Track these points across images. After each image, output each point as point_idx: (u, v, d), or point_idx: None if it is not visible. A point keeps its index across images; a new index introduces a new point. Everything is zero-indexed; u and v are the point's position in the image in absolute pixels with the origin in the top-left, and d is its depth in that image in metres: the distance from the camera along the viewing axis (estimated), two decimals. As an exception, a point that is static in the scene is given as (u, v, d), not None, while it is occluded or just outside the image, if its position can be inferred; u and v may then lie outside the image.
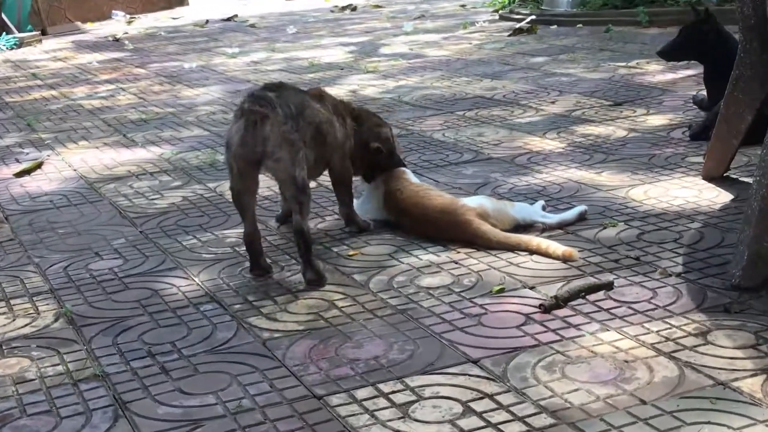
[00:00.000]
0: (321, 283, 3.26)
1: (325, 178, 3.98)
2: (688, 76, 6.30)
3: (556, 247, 3.31)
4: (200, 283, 3.35)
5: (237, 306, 3.13)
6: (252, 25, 12.14)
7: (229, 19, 13.08)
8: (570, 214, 3.67)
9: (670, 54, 5.15)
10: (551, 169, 4.41)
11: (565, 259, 3.28)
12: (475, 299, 3.04)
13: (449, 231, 3.53)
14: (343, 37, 10.23)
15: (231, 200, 3.85)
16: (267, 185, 4.44)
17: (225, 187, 4.48)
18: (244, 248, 3.60)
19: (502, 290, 3.09)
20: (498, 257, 3.36)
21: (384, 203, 3.78)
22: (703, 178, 4.08)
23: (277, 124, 3.26)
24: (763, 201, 2.93)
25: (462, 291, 3.11)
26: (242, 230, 3.85)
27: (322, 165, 3.63)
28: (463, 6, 12.49)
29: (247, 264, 3.47)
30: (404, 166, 3.90)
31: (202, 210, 4.23)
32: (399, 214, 3.70)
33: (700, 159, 4.30)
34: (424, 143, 5.10)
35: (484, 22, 10.46)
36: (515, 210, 3.62)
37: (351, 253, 3.54)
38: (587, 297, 2.98)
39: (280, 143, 3.26)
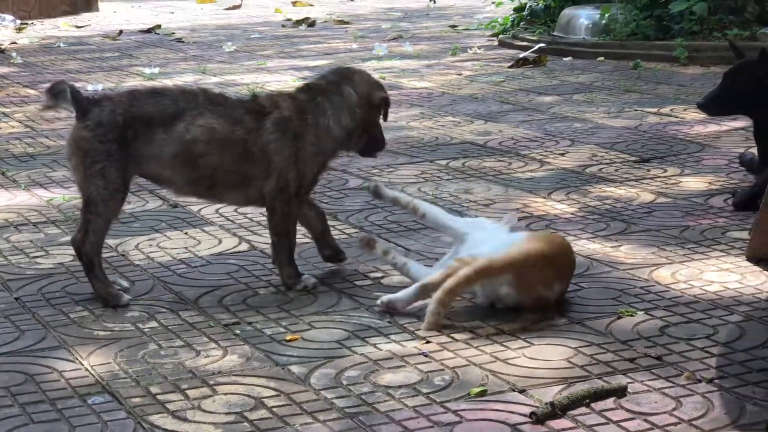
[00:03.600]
0: (112, 303, 3.84)
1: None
2: (734, 129, 6.42)
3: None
4: (90, 368, 3.34)
5: (136, 399, 3.12)
6: (179, 40, 12.24)
7: (149, 31, 13.18)
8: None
9: (714, 107, 5.23)
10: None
11: None
12: (448, 403, 3.05)
13: None
14: (296, 59, 10.33)
15: (136, 260, 3.89)
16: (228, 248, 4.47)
17: (129, 245, 4.51)
18: (150, 325, 3.68)
19: (483, 393, 3.10)
20: (481, 350, 3.39)
21: None
22: (748, 259, 4.15)
23: (78, 128, 3.87)
24: (821, 290, 2.98)
25: (432, 392, 3.12)
26: (147, 301, 3.91)
27: (216, 189, 3.99)
28: (453, 27, 12.67)
29: (153, 346, 3.49)
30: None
31: (98, 274, 4.23)
32: None
33: (745, 234, 4.37)
34: (393, 200, 5.14)
35: (479, 48, 10.61)
36: None
37: (289, 337, 3.55)
38: (592, 405, 3.00)
39: (73, 150, 3.88)
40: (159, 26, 13.46)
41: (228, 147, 3.88)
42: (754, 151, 5.29)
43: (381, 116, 4.13)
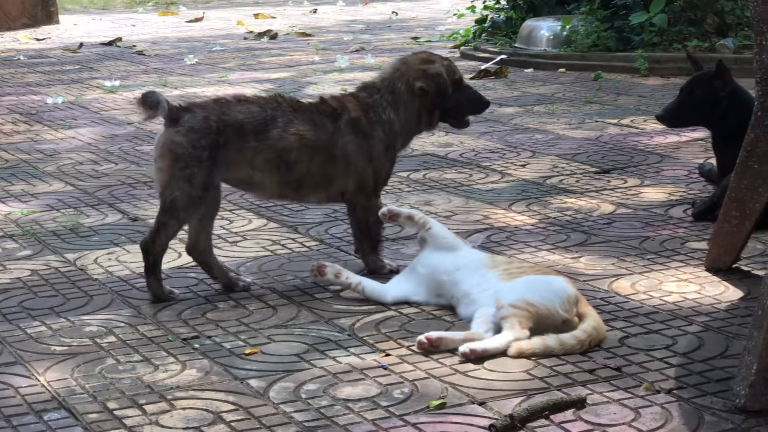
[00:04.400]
0: (159, 299, 3.99)
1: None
2: (694, 139, 6.45)
3: None
4: (46, 384, 3.31)
5: (93, 415, 3.10)
6: (140, 52, 12.20)
7: (110, 44, 13.12)
8: None
9: (672, 119, 5.25)
10: (517, 251, 4.47)
11: None
12: (407, 416, 3.04)
13: None
14: (258, 71, 10.32)
15: (95, 274, 3.86)
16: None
17: (88, 259, 4.48)
18: (108, 340, 3.65)
19: (442, 405, 3.10)
20: (440, 363, 3.38)
21: None
22: (707, 269, 4.17)
23: (169, 132, 3.93)
24: (778, 300, 2.99)
25: (391, 405, 3.11)
26: (105, 316, 3.91)
27: (302, 190, 4.13)
28: (415, 39, 12.68)
29: (111, 361, 3.47)
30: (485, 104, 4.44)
31: (55, 288, 4.20)
32: None
33: (704, 245, 4.39)
34: (354, 212, 5.13)
35: (440, 60, 10.60)
36: None
37: (248, 351, 3.53)
38: (551, 417, 3.00)
39: (164, 153, 3.94)
40: (120, 39, 13.40)
41: (317, 151, 4.07)
42: (713, 161, 5.32)
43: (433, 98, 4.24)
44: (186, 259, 4.48)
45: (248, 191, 4.31)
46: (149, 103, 3.94)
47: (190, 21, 16.09)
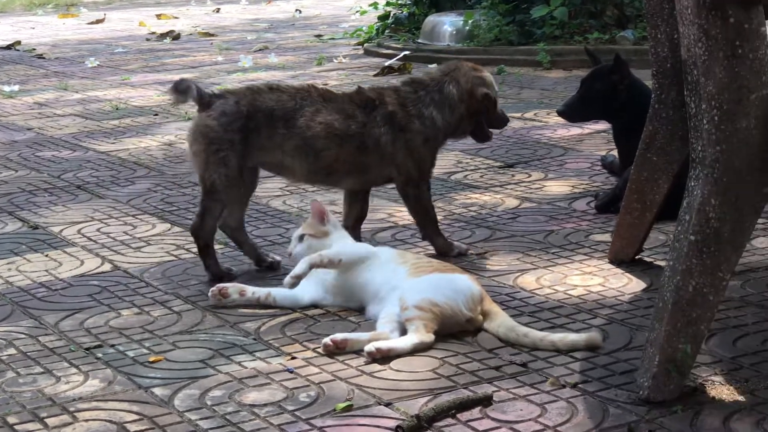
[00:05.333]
0: (219, 278, 4.10)
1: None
2: (597, 132, 6.51)
3: None
4: (-56, 401, 3.24)
5: (-8, 431, 3.04)
6: (40, 56, 12.03)
7: (9, 47, 12.93)
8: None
9: (573, 114, 5.28)
10: (422, 249, 4.46)
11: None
12: (314, 420, 3.02)
13: None
14: (161, 73, 10.22)
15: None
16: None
17: (-14, 270, 4.40)
18: (7, 353, 3.56)
19: (349, 407, 3.08)
20: (347, 364, 3.37)
21: None
22: (610, 262, 4.20)
23: (201, 117, 4.12)
24: (678, 292, 3.02)
25: (297, 409, 3.09)
26: (4, 328, 3.84)
27: (333, 177, 4.28)
28: (318, 37, 12.67)
29: (11, 374, 3.40)
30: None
31: (-47, 301, 4.12)
32: None
33: (608, 237, 4.43)
34: (259, 213, 5.11)
35: (344, 57, 10.61)
36: None
37: (152, 358, 3.49)
38: (458, 415, 3.00)
39: (196, 137, 4.13)
40: (19, 42, 13.20)
41: (346, 141, 4.19)
42: (616, 153, 5.36)
43: (489, 107, 4.39)
44: (88, 266, 4.42)
45: (280, 175, 4.43)
46: (180, 88, 4.11)
47: (91, 23, 15.90)
